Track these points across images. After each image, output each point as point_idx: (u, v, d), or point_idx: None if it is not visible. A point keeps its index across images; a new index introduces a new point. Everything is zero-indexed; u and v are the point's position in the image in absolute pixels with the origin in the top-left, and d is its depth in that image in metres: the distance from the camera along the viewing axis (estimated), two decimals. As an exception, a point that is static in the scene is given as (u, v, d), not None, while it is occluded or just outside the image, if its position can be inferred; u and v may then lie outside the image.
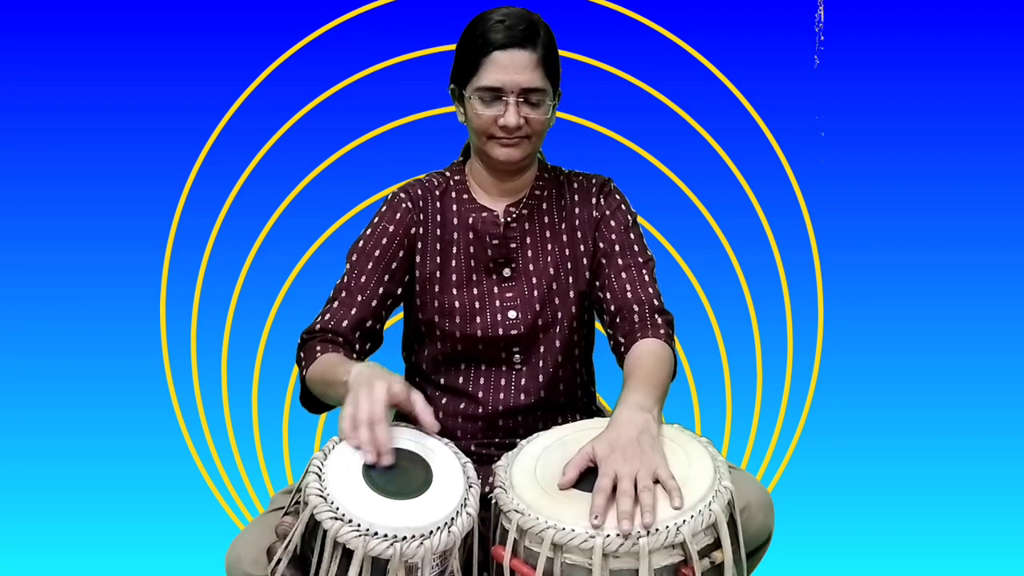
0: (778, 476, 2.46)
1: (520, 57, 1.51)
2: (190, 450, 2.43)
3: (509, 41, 1.51)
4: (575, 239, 1.63)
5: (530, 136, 1.55)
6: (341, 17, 2.37)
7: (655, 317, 1.55)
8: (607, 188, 1.66)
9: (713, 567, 1.25)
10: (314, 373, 1.51)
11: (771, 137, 2.38)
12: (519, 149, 1.55)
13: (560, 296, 1.62)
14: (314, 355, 1.52)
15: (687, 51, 2.36)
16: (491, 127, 1.54)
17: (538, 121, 1.55)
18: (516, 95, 1.51)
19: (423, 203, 1.63)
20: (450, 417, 1.62)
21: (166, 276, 2.39)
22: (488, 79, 1.51)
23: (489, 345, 1.60)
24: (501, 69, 1.51)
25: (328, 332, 1.56)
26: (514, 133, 1.53)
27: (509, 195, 1.64)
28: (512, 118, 1.51)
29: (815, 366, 2.44)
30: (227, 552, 1.37)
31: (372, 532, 1.19)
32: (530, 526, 1.24)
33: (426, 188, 1.65)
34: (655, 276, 1.62)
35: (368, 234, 1.62)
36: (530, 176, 1.65)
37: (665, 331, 1.54)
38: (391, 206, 1.64)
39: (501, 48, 1.51)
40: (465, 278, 1.62)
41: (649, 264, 1.62)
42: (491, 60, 1.51)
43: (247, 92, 2.36)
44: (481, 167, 1.63)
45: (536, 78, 1.52)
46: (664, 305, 1.59)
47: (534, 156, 1.63)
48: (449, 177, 1.67)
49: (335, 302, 1.59)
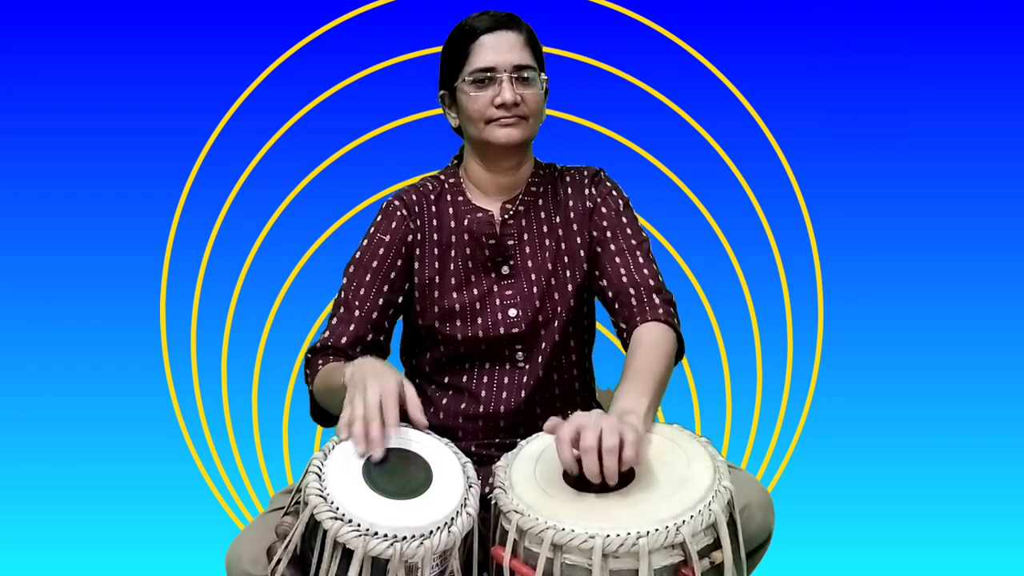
0: (778, 476, 2.46)
1: (507, 37, 1.56)
2: (190, 450, 2.43)
3: (495, 24, 1.56)
4: (571, 232, 1.64)
5: (527, 116, 1.56)
6: (341, 17, 2.37)
7: (653, 298, 1.55)
8: (598, 178, 1.67)
9: (713, 567, 1.25)
10: (318, 386, 1.55)
11: (771, 137, 2.38)
12: (518, 129, 1.56)
13: (559, 291, 1.62)
14: (317, 369, 1.55)
15: (687, 51, 2.36)
16: (488, 109, 1.55)
17: (533, 100, 1.56)
18: (509, 72, 1.54)
19: (419, 208, 1.63)
20: (451, 417, 1.62)
21: (166, 276, 2.39)
22: (480, 61, 1.55)
23: (492, 344, 1.61)
24: (491, 49, 1.55)
25: (330, 349, 1.58)
26: (512, 111, 1.54)
27: (505, 193, 1.64)
28: (508, 94, 1.53)
29: (815, 366, 2.44)
30: (227, 552, 1.37)
31: (372, 532, 1.19)
32: (530, 526, 1.24)
33: (421, 193, 1.65)
34: (652, 256, 1.62)
35: (364, 245, 1.63)
36: (525, 172, 1.65)
37: (664, 311, 1.53)
38: (386, 215, 1.64)
39: (488, 31, 1.56)
40: (464, 279, 1.62)
41: (644, 245, 1.62)
42: (480, 44, 1.55)
43: (247, 92, 2.36)
44: (478, 164, 1.63)
45: (526, 56, 1.56)
46: (664, 284, 1.58)
47: (530, 145, 1.63)
48: (444, 180, 1.67)
49: (334, 319, 1.60)
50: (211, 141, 2.37)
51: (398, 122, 2.41)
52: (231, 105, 2.36)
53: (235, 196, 2.39)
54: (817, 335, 2.44)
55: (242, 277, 2.41)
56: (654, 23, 2.36)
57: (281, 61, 2.36)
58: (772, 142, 2.38)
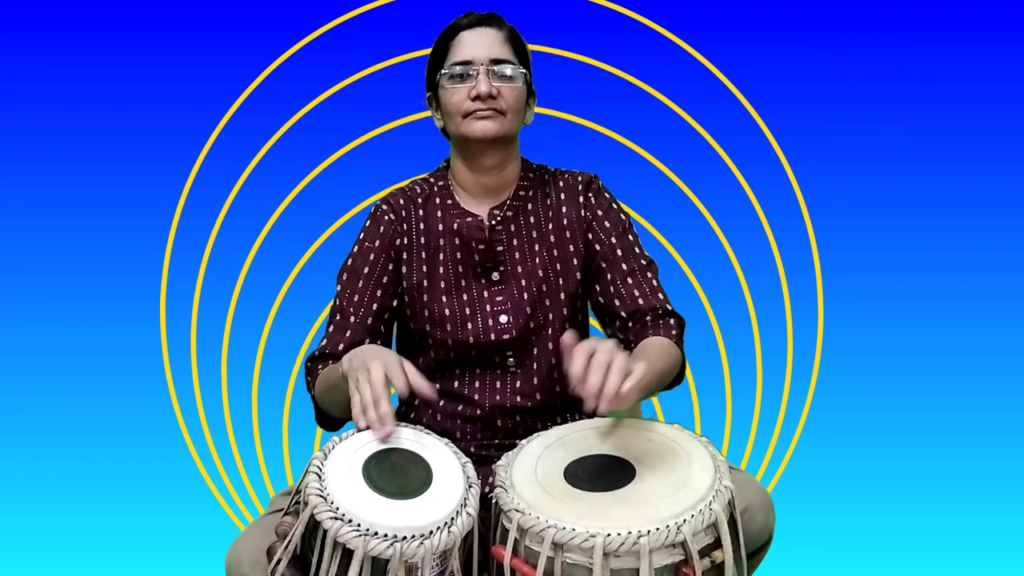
0: (778, 476, 2.46)
1: (487, 33, 1.58)
2: (190, 450, 2.43)
3: (475, 21, 1.59)
4: (563, 239, 1.62)
5: (505, 112, 1.56)
6: (341, 17, 2.37)
7: (668, 320, 1.57)
8: (594, 186, 1.66)
9: (713, 566, 1.25)
10: (319, 390, 1.55)
11: (771, 137, 2.38)
12: (494, 122, 1.55)
13: (551, 298, 1.61)
14: (317, 375, 1.57)
15: (687, 51, 2.36)
16: (464, 103, 1.55)
17: (511, 94, 1.56)
18: (486, 65, 1.55)
19: (406, 212, 1.63)
20: (448, 419, 1.62)
21: (166, 276, 2.39)
22: (457, 55, 1.57)
23: (482, 351, 1.60)
24: (468, 45, 1.57)
25: (328, 357, 1.58)
26: (488, 103, 1.54)
27: (492, 196, 1.63)
28: (483, 86, 1.54)
29: (815, 366, 2.44)
30: (227, 553, 1.37)
31: (372, 532, 1.19)
32: (530, 525, 1.24)
33: (408, 197, 1.65)
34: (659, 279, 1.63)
35: (355, 252, 1.63)
36: (512, 175, 1.63)
37: (676, 333, 1.56)
38: (374, 220, 1.64)
39: (468, 27, 1.58)
40: (453, 285, 1.61)
41: (652, 267, 1.63)
42: (459, 40, 1.58)
43: (247, 92, 2.36)
44: (462, 166, 1.62)
45: (505, 51, 1.57)
46: (673, 308, 1.60)
47: (512, 144, 1.62)
48: (433, 183, 1.66)
49: (331, 326, 1.61)
50: (211, 141, 2.37)
51: (397, 122, 2.41)
52: (231, 105, 2.36)
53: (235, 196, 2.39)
54: (817, 335, 2.44)
55: (242, 277, 2.41)
56: (654, 23, 2.36)
57: (281, 61, 2.36)
58: (772, 142, 2.38)
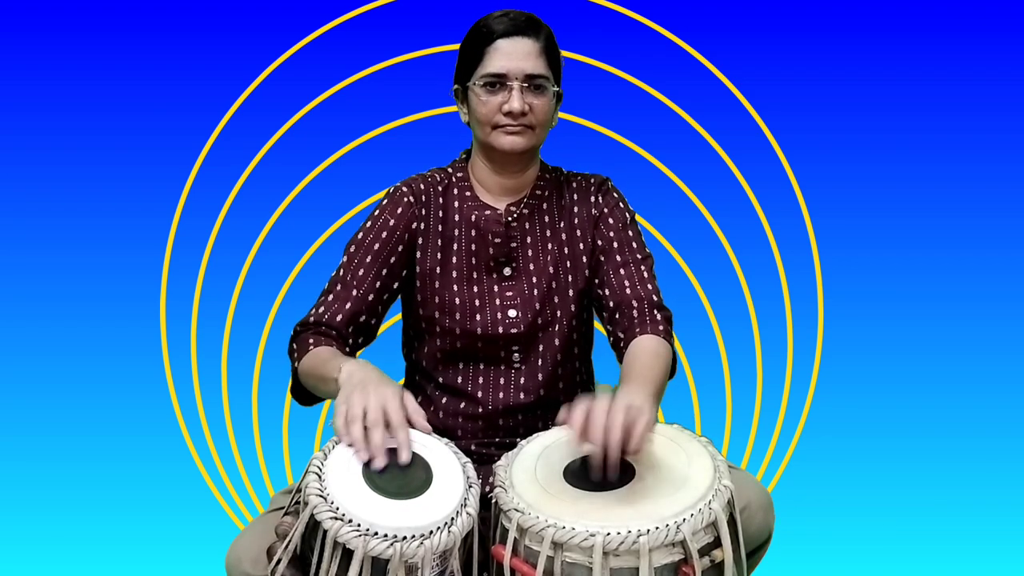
0: (778, 476, 2.46)
1: (523, 44, 1.54)
2: (190, 450, 2.43)
3: (513, 30, 1.55)
4: (574, 238, 1.64)
5: (534, 127, 1.56)
6: (341, 17, 2.37)
7: (654, 313, 1.56)
8: (605, 187, 1.68)
9: (713, 566, 1.25)
10: (306, 366, 1.52)
11: (771, 137, 2.38)
12: (523, 137, 1.56)
13: (560, 295, 1.62)
14: (306, 347, 1.53)
15: (687, 51, 2.36)
16: (496, 115, 1.55)
17: (542, 109, 1.56)
18: (520, 81, 1.53)
19: (425, 197, 1.63)
20: (450, 416, 1.63)
21: (166, 276, 2.39)
22: (492, 66, 1.54)
23: (488, 343, 1.60)
24: (505, 56, 1.54)
25: (322, 325, 1.56)
26: (519, 119, 1.54)
27: (511, 194, 1.64)
28: (517, 103, 1.53)
29: (815, 366, 2.44)
30: (227, 552, 1.37)
31: (372, 532, 1.19)
32: (530, 525, 1.24)
33: (428, 183, 1.65)
34: (654, 273, 1.63)
35: (368, 227, 1.62)
36: (532, 175, 1.65)
37: (664, 327, 1.55)
38: (393, 200, 1.63)
39: (504, 36, 1.55)
40: (466, 275, 1.62)
41: (648, 261, 1.63)
42: (495, 48, 1.54)
43: (247, 92, 2.36)
44: (484, 164, 1.63)
45: (539, 65, 1.55)
46: (663, 301, 1.60)
47: (537, 151, 1.64)
48: (452, 173, 1.67)
49: (330, 295, 1.59)
50: (211, 141, 2.37)
51: (398, 122, 2.41)
52: (231, 105, 2.36)
53: (235, 196, 2.39)
54: (817, 335, 2.44)
55: (242, 277, 2.41)
56: (654, 23, 2.36)
57: (281, 61, 2.36)
58: (772, 142, 2.39)
